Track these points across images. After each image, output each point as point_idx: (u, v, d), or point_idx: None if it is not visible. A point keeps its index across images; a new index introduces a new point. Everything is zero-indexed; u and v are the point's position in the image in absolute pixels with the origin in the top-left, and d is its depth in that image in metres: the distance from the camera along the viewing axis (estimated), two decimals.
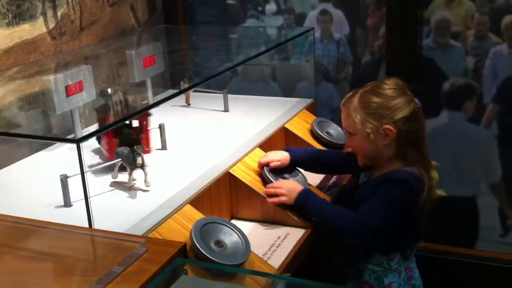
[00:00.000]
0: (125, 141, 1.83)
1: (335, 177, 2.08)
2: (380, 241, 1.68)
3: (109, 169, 1.77)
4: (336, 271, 1.86)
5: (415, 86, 1.78)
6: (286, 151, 1.93)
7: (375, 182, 1.71)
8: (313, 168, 1.99)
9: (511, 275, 2.49)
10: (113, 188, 1.74)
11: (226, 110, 2.40)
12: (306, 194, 1.74)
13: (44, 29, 2.19)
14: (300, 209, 1.76)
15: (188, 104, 2.49)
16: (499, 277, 2.50)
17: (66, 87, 1.94)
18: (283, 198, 1.76)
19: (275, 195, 1.77)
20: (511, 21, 2.40)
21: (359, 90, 1.74)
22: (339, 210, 1.69)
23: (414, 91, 1.73)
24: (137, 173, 1.71)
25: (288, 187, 1.77)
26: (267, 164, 1.88)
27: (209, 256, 1.45)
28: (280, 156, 1.90)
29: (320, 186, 2.02)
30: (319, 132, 2.22)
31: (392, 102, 1.67)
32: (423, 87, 2.42)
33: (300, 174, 1.93)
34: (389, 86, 1.69)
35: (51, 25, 2.22)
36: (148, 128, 1.98)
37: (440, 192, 1.74)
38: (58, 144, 2.09)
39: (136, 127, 1.95)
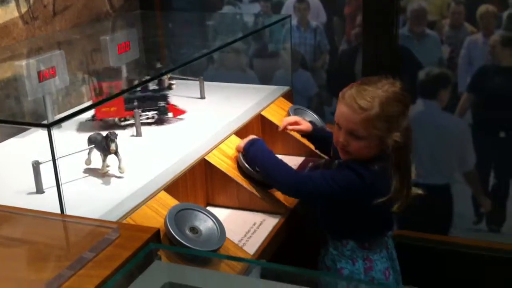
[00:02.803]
0: None
1: (312, 162, 2.09)
2: (331, 221, 1.76)
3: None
4: (310, 256, 1.86)
5: (391, 75, 1.77)
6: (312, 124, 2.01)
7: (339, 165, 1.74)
8: (321, 147, 2.05)
9: (484, 262, 2.53)
10: (87, 174, 1.72)
11: (202, 97, 2.39)
12: (253, 141, 1.84)
13: (16, 14, 2.15)
14: (247, 157, 1.85)
15: None
16: (472, 264, 2.53)
17: (39, 73, 1.91)
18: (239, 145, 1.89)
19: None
20: (486, 11, 2.42)
21: (378, 91, 1.63)
22: (284, 166, 1.76)
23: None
24: (111, 159, 1.70)
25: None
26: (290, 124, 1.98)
27: (184, 242, 1.44)
28: (304, 122, 1.99)
29: (300, 169, 2.02)
30: None
31: (407, 112, 1.66)
32: (399, 76, 2.43)
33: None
34: (405, 94, 1.66)
35: (23, 9, 2.17)
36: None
37: (417, 191, 1.72)
38: (32, 130, 2.05)
39: None
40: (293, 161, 2.05)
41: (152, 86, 2.13)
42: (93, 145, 1.71)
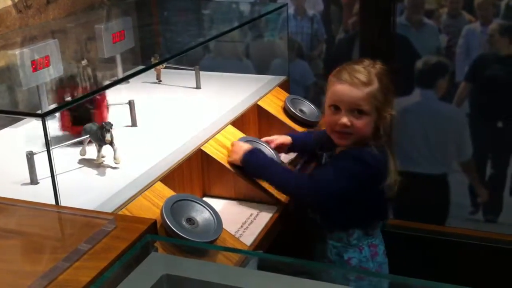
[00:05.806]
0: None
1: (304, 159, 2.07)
2: (336, 215, 1.71)
3: (78, 145, 1.73)
4: (307, 247, 1.86)
5: (388, 64, 1.76)
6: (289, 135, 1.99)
7: (337, 157, 1.73)
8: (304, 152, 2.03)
9: (480, 252, 2.53)
10: (82, 165, 1.70)
11: (198, 87, 2.36)
12: (251, 151, 1.76)
13: (9, 2, 2.12)
14: (247, 168, 1.78)
15: (159, 80, 2.44)
16: (469, 254, 2.53)
17: (32, 62, 1.89)
18: (232, 157, 1.79)
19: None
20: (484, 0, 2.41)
21: (370, 68, 1.68)
22: (289, 173, 1.75)
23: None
24: (106, 150, 1.68)
25: (236, 146, 1.81)
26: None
27: (180, 233, 1.42)
28: (283, 138, 1.97)
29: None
30: (292, 109, 2.20)
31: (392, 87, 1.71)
32: (397, 65, 2.42)
33: (272, 151, 1.92)
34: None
35: None
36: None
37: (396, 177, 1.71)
38: (26, 120, 2.03)
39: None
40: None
41: None
42: (88, 135, 1.69)
